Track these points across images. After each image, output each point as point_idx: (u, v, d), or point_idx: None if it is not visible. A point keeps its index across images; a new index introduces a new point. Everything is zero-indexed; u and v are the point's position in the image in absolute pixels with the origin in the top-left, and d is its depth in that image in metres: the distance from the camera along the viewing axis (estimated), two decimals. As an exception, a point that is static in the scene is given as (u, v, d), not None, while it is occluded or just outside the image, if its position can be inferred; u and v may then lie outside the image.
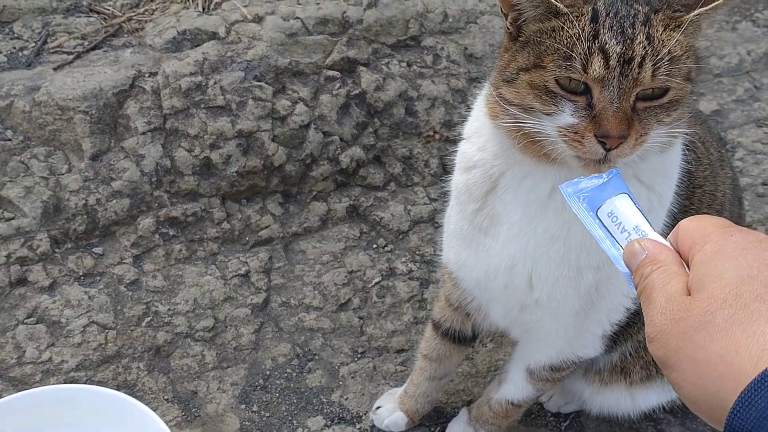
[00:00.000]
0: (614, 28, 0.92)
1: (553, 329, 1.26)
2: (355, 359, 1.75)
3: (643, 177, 1.09)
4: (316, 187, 2.00)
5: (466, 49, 2.23)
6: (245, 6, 2.08)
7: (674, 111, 0.97)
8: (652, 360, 1.35)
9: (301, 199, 2.00)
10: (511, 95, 0.99)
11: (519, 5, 0.98)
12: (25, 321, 1.67)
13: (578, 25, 0.93)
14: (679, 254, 0.69)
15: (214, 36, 2.00)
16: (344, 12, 2.09)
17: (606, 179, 0.79)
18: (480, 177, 1.16)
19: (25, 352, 1.63)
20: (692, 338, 0.60)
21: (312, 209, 1.99)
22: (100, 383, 1.61)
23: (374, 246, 1.99)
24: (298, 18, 2.05)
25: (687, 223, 0.70)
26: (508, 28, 1.02)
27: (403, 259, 1.95)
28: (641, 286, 0.68)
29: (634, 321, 1.28)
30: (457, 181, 1.22)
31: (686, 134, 1.21)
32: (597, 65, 0.91)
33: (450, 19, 2.23)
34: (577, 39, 0.92)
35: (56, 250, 1.76)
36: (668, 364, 0.62)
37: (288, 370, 1.71)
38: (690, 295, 0.63)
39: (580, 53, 0.92)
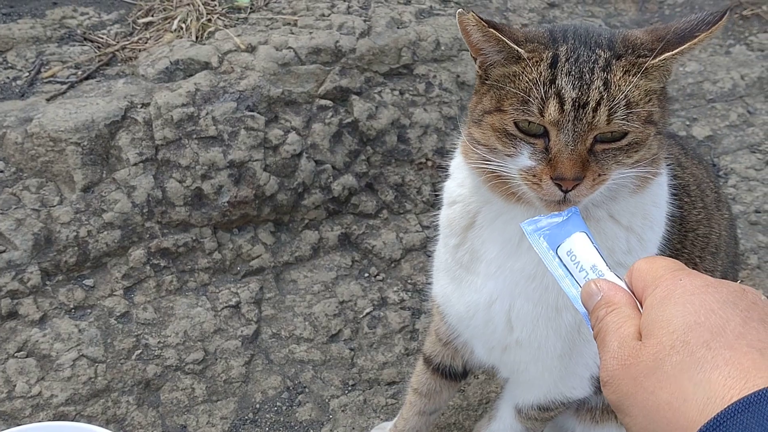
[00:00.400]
0: (572, 73, 0.94)
1: (538, 372, 1.26)
2: (346, 392, 1.75)
3: (620, 217, 1.09)
4: (308, 216, 2.01)
5: (458, 76, 2.23)
6: (238, 36, 2.09)
7: (635, 153, 0.98)
8: None
9: (293, 227, 2.00)
10: (479, 136, 1.02)
11: (483, 50, 1.01)
12: (16, 354, 1.67)
13: (537, 70, 0.95)
14: (634, 294, 0.71)
15: (206, 66, 2.01)
16: (337, 41, 2.09)
17: (566, 217, 0.80)
18: (459, 212, 1.18)
19: (15, 386, 1.63)
20: (642, 384, 0.61)
21: (304, 238, 1.99)
22: (89, 418, 1.61)
23: (366, 275, 1.99)
24: (290, 48, 2.06)
25: (640, 264, 0.71)
26: (478, 72, 1.05)
27: (395, 288, 1.95)
28: (596, 329, 0.70)
29: None
30: (442, 215, 1.25)
31: (676, 177, 1.22)
32: (552, 109, 0.93)
33: (442, 47, 2.24)
34: (534, 84, 0.95)
35: (47, 282, 1.77)
36: (621, 409, 0.64)
37: (278, 404, 1.71)
38: (641, 339, 0.65)
39: (536, 97, 0.94)
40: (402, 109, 2.14)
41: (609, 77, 0.94)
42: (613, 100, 0.93)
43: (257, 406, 1.70)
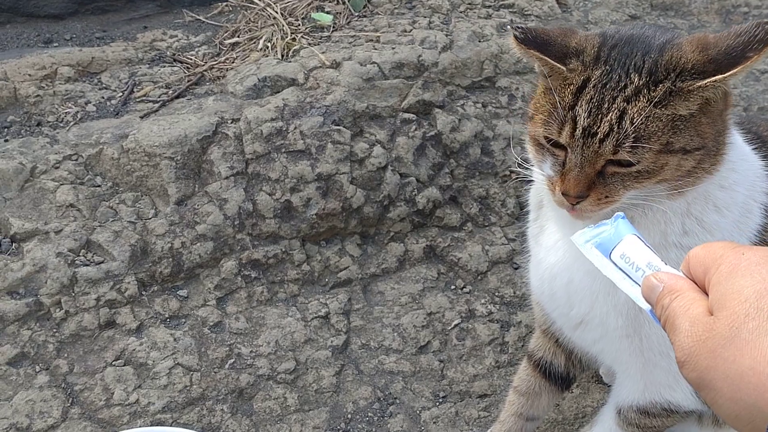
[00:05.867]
0: (593, 101, 0.99)
1: (622, 357, 1.23)
2: (437, 404, 1.72)
3: (667, 208, 1.10)
4: (393, 228, 2.01)
5: (541, 88, 2.22)
6: (323, 53, 2.12)
7: (646, 180, 1.01)
8: None
9: (379, 240, 2.00)
10: (528, 137, 1.12)
11: (538, 64, 1.07)
12: (114, 363, 1.71)
13: (566, 91, 1.01)
14: (695, 283, 0.71)
15: (293, 82, 2.05)
16: (420, 56, 2.11)
17: (613, 224, 0.83)
18: (535, 191, 1.29)
19: (113, 394, 1.66)
20: (722, 355, 0.62)
21: (390, 250, 1.99)
22: (185, 425, 1.62)
23: (452, 287, 1.97)
24: (374, 63, 2.08)
25: (696, 251, 0.72)
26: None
27: (483, 301, 1.93)
28: (663, 317, 0.70)
29: None
30: (530, 193, 1.34)
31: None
32: (566, 133, 1.00)
33: (524, 60, 2.23)
34: (557, 106, 1.01)
35: (143, 292, 1.81)
36: (703, 385, 0.64)
37: (369, 414, 1.70)
38: (712, 315, 0.65)
39: (556, 118, 1.01)
40: (485, 121, 2.13)
41: (628, 108, 0.97)
42: (623, 134, 0.97)
43: (349, 416, 1.69)
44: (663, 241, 1.08)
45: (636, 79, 0.98)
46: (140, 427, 1.61)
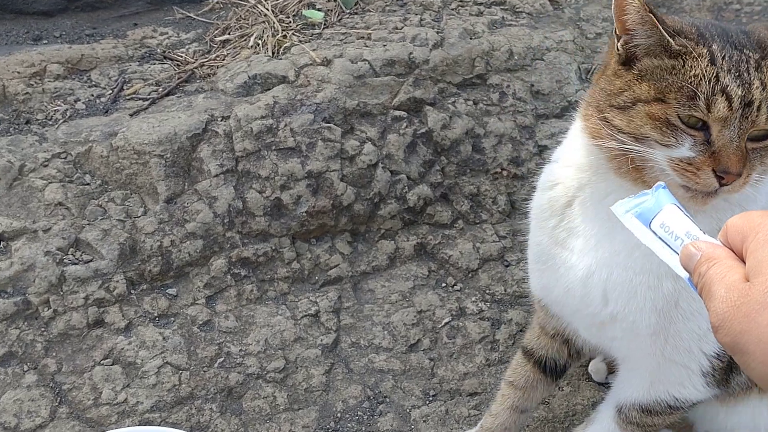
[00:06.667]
0: (732, 71, 0.97)
1: (635, 355, 1.23)
2: (427, 402, 1.72)
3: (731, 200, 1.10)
4: (384, 226, 2.00)
5: (532, 86, 2.21)
6: (314, 50, 2.11)
7: None
8: None
9: (370, 237, 1.99)
10: (623, 123, 1.04)
11: (633, 30, 1.03)
12: (102, 362, 1.70)
13: (699, 65, 0.98)
14: (733, 251, 0.72)
15: (283, 80, 2.04)
16: (410, 53, 2.10)
17: (655, 193, 0.83)
18: (561, 191, 1.22)
19: (101, 393, 1.65)
20: (755, 320, 0.63)
21: (380, 248, 1.98)
22: (174, 425, 1.62)
23: (443, 285, 1.96)
24: (365, 60, 2.07)
25: (733, 220, 0.73)
26: (618, 51, 1.06)
27: (473, 299, 1.93)
28: (700, 284, 0.71)
29: None
30: (538, 201, 1.28)
31: None
32: (721, 106, 0.97)
33: (515, 57, 2.22)
34: (700, 79, 0.97)
35: (132, 291, 1.80)
36: (737, 349, 0.65)
37: (359, 413, 1.69)
38: (749, 282, 0.66)
39: (704, 93, 0.97)
40: (476, 119, 2.13)
41: (763, 78, 0.98)
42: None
43: (338, 415, 1.69)
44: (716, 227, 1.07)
45: (750, 54, 1.00)
46: (128, 426, 1.60)
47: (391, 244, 2.00)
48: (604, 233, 1.16)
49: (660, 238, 0.80)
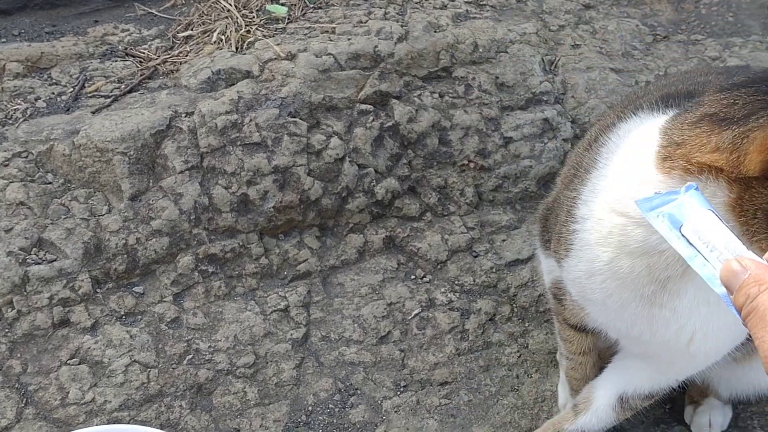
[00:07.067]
0: None
1: (668, 359, 1.23)
2: (398, 393, 1.73)
3: None
4: (352, 220, 2.00)
5: (497, 78, 2.22)
6: (278, 45, 2.10)
7: None
8: None
9: (338, 232, 1.99)
10: None
11: None
12: (68, 362, 1.68)
13: None
14: None
15: (248, 74, 2.03)
16: (375, 46, 2.10)
17: (685, 193, 0.77)
18: (663, 264, 1.07)
19: (68, 393, 1.63)
20: None
21: (349, 242, 1.98)
22: (143, 423, 1.60)
23: (412, 277, 1.97)
24: (330, 54, 2.07)
25: None
26: None
27: (443, 290, 1.93)
28: (748, 307, 0.66)
29: None
30: (627, 264, 1.10)
31: None
32: None
33: (480, 49, 2.24)
34: None
35: (97, 290, 1.77)
36: None
37: (330, 406, 1.69)
38: None
39: None
40: (442, 111, 2.14)
41: None
42: None
43: (309, 408, 1.68)
44: None
45: None
46: (97, 425, 1.58)
47: (360, 237, 2.00)
48: (711, 294, 1.10)
49: (692, 245, 0.74)
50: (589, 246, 1.14)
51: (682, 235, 0.75)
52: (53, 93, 2.10)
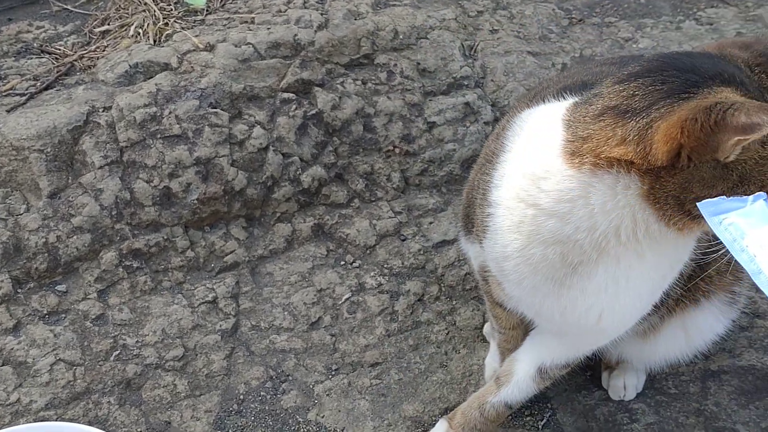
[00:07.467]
0: None
1: (571, 335, 1.30)
2: (330, 377, 1.74)
3: None
4: (279, 209, 2.00)
5: (418, 64, 2.25)
6: (196, 36, 2.09)
7: None
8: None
9: (265, 221, 1.99)
10: None
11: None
12: (-9, 365, 1.64)
13: None
14: None
15: (166, 67, 2.01)
16: (295, 35, 2.11)
17: (752, 204, 0.75)
18: (577, 252, 1.11)
19: (-9, 396, 1.60)
20: None
21: (276, 231, 1.99)
22: (71, 421, 1.58)
23: (342, 263, 1.99)
24: (249, 44, 2.06)
25: None
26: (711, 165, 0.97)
27: (372, 274, 1.96)
28: None
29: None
30: (540, 252, 1.13)
31: None
32: None
33: (401, 36, 2.26)
34: None
35: (18, 290, 1.74)
36: None
37: (262, 393, 1.70)
38: None
39: None
40: (365, 98, 2.15)
41: None
42: None
43: (241, 397, 1.68)
44: None
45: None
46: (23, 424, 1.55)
47: (288, 226, 2.01)
48: (620, 274, 1.12)
49: (753, 256, 0.72)
50: (501, 231, 1.18)
51: (746, 247, 0.73)
52: (-35, 93, 2.04)
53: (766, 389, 1.62)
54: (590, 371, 1.69)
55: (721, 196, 0.79)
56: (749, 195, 0.94)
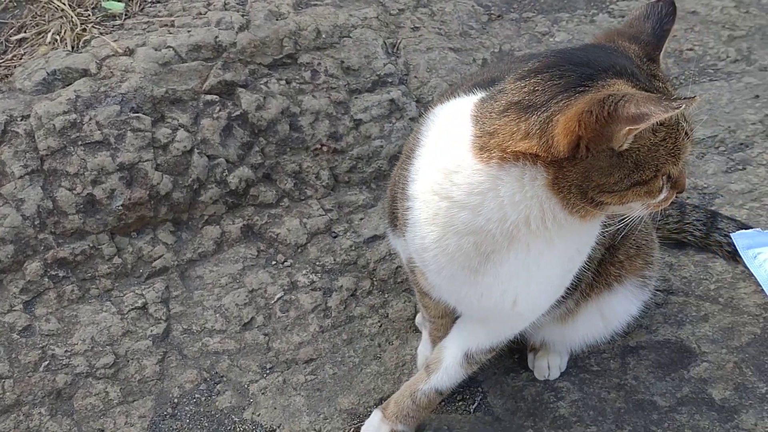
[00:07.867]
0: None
1: (493, 321, 1.37)
2: (264, 375, 1.75)
3: None
4: (206, 212, 2.00)
5: (342, 62, 2.28)
6: (115, 41, 2.07)
7: None
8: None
9: (193, 225, 1.99)
10: (615, 200, 1.07)
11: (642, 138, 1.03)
12: None
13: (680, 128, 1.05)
14: None
15: (85, 73, 1.98)
16: (216, 37, 2.11)
17: None
18: (489, 240, 1.16)
19: None
20: None
21: (205, 234, 1.99)
22: (-1, 436, 1.55)
23: (273, 262, 2.00)
24: (170, 47, 2.05)
25: None
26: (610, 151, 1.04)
27: (304, 272, 1.97)
28: None
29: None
30: (454, 242, 1.19)
31: None
32: (688, 149, 1.08)
33: (323, 35, 2.28)
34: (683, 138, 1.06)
35: (-62, 306, 1.70)
36: None
37: (196, 395, 1.70)
38: None
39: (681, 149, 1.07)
40: (290, 97, 2.17)
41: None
42: None
43: (175, 400, 1.68)
44: None
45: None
46: (-52, 445, 1.52)
47: (217, 229, 2.01)
48: (530, 261, 1.18)
49: None
50: (419, 224, 1.23)
51: None
52: None
53: (681, 361, 1.70)
54: (517, 354, 1.75)
55: (756, 228, 0.80)
56: (646, 179, 1.02)
